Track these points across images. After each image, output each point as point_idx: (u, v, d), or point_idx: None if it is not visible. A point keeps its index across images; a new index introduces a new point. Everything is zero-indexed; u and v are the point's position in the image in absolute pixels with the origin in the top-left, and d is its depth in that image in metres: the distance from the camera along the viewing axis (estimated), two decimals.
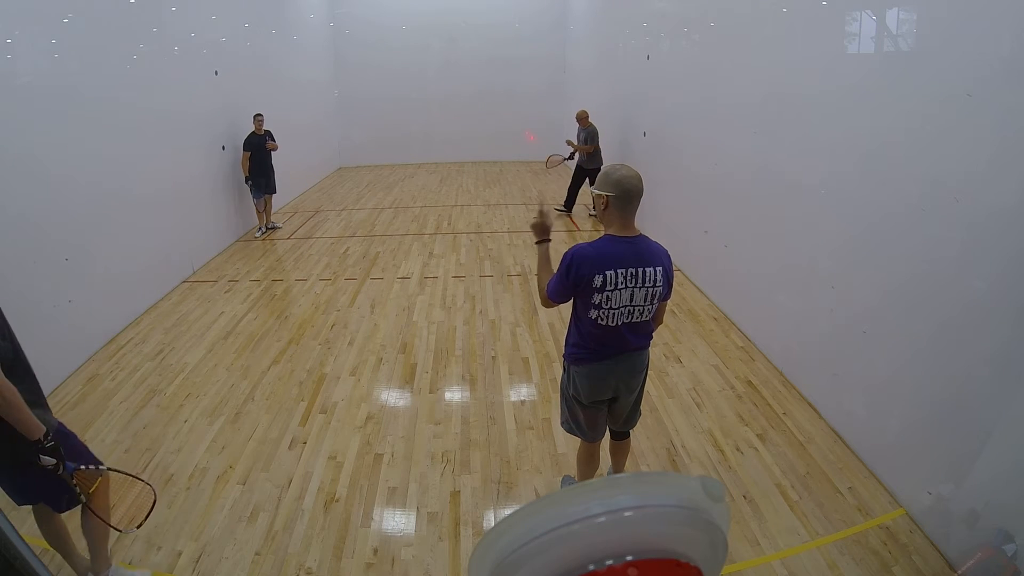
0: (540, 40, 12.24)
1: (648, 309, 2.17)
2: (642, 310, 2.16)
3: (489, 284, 5.65)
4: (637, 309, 2.16)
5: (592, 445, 2.63)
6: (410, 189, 10.39)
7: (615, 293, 2.11)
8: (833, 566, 2.44)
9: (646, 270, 2.10)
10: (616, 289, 2.10)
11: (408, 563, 2.51)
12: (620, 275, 2.09)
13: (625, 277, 2.09)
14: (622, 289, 2.10)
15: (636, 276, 2.10)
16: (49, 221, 3.96)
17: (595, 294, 2.11)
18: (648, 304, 2.16)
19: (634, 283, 2.11)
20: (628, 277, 2.10)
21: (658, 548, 0.40)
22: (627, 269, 2.09)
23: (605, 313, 2.15)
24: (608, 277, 2.09)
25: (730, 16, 4.68)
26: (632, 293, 2.12)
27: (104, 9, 4.78)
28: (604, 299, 2.11)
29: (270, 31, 8.95)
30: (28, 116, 3.85)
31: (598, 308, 2.14)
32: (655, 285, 2.12)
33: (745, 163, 4.35)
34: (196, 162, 6.43)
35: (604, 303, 2.12)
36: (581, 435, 2.58)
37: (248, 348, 4.44)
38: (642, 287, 2.11)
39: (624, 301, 2.13)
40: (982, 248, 2.32)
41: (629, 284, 2.10)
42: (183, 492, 2.94)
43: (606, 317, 2.16)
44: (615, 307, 2.14)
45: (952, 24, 2.49)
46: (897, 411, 2.83)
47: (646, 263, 2.11)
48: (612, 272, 2.09)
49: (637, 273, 2.10)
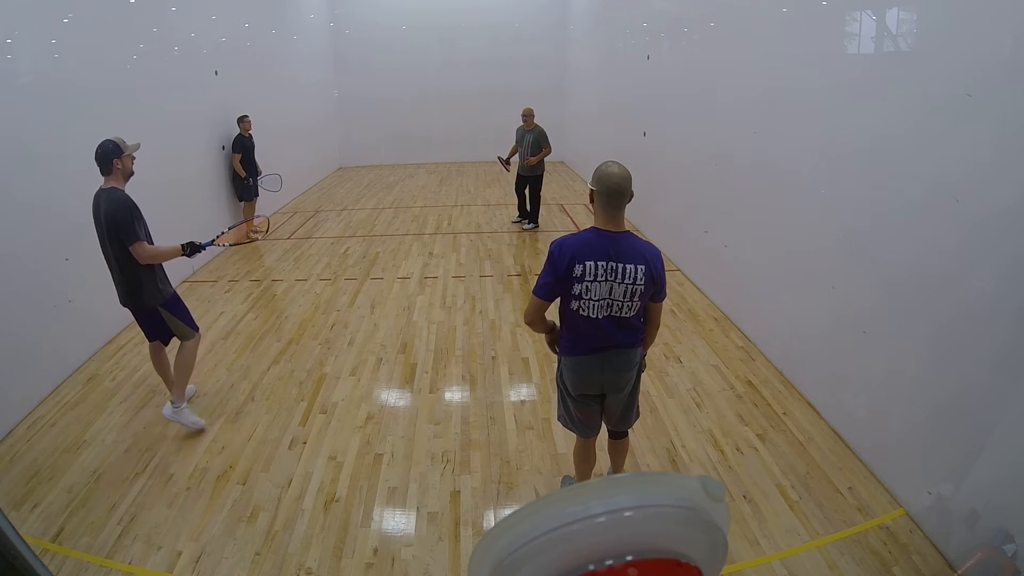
0: (540, 40, 12.23)
1: (629, 306, 2.18)
2: (622, 305, 2.18)
3: (489, 284, 5.65)
4: (616, 304, 2.18)
5: (586, 442, 2.65)
6: (410, 189, 10.39)
7: (594, 284, 2.14)
8: (833, 566, 2.44)
9: (626, 266, 2.13)
10: (595, 280, 2.14)
11: (408, 563, 2.51)
12: (600, 267, 2.12)
13: (605, 270, 2.13)
14: (601, 282, 2.14)
15: (615, 271, 2.13)
16: (49, 221, 3.96)
17: (575, 284, 2.16)
18: (628, 301, 2.17)
19: (613, 277, 2.13)
20: (608, 271, 2.13)
21: (658, 548, 0.40)
22: (607, 263, 2.13)
23: (585, 304, 2.19)
24: (588, 268, 2.13)
25: (730, 16, 4.68)
26: (611, 287, 2.14)
27: (104, 9, 4.77)
28: (584, 289, 2.16)
29: (270, 31, 8.95)
30: (28, 116, 3.85)
31: (578, 299, 2.18)
32: (635, 283, 2.14)
33: (745, 163, 4.35)
34: (196, 162, 6.43)
35: (584, 293, 2.17)
36: (575, 430, 2.61)
37: (248, 348, 4.44)
38: (621, 283, 2.14)
39: (603, 294, 2.16)
40: (982, 248, 2.31)
41: (609, 278, 2.13)
42: (183, 492, 2.94)
43: (587, 308, 2.19)
44: (595, 298, 2.17)
45: (952, 24, 2.49)
46: (897, 411, 2.83)
47: (625, 259, 2.13)
48: (592, 263, 2.12)
49: (616, 268, 2.13)
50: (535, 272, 5.91)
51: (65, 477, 3.06)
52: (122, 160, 3.09)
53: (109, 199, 3.03)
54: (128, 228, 3.03)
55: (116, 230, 3.02)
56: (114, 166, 3.06)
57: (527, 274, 5.88)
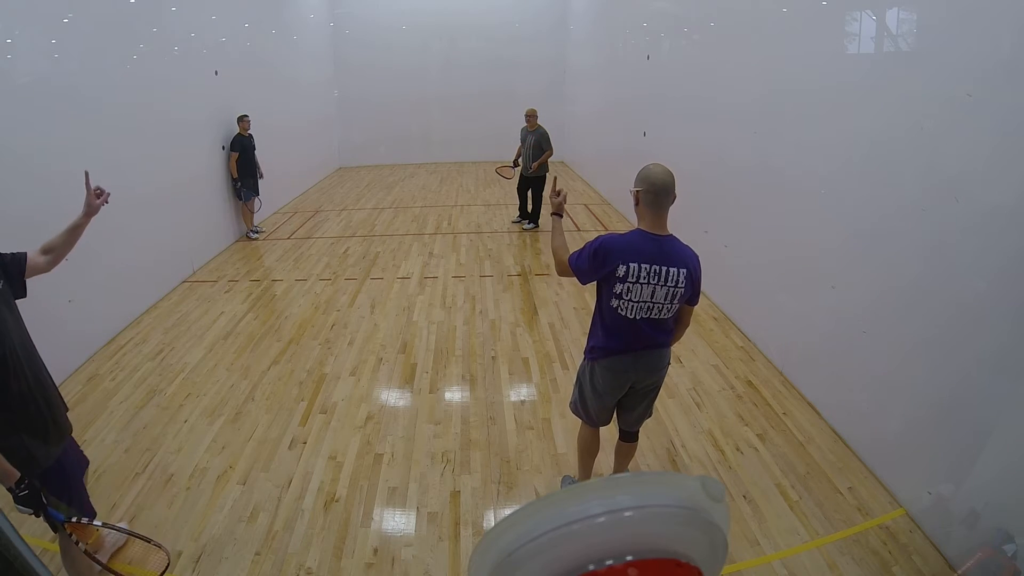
0: (540, 40, 12.23)
1: (668, 308, 2.20)
2: (662, 307, 2.20)
3: (489, 284, 5.65)
4: (657, 306, 2.19)
5: (594, 431, 2.67)
6: (410, 189, 10.39)
7: (636, 286, 2.15)
8: (833, 566, 2.44)
9: (669, 269, 2.14)
10: (638, 282, 2.15)
11: (408, 563, 2.51)
12: (644, 270, 2.13)
13: (648, 273, 2.13)
14: (644, 284, 2.15)
15: (659, 274, 2.14)
16: (49, 221, 3.94)
17: (617, 283, 2.17)
18: (668, 303, 2.19)
19: (656, 280, 2.14)
20: (651, 274, 2.14)
21: (658, 548, 0.40)
22: (651, 265, 2.13)
23: (626, 304, 2.20)
24: (631, 269, 2.14)
25: (730, 16, 4.68)
26: (654, 290, 2.16)
27: (104, 9, 4.77)
28: (625, 290, 2.17)
29: (270, 31, 8.95)
30: (28, 116, 3.85)
31: (619, 298, 2.19)
32: (677, 286, 2.16)
33: (745, 163, 4.35)
34: (196, 162, 6.43)
35: (625, 294, 2.17)
36: (587, 420, 2.62)
37: (248, 348, 4.44)
38: (664, 285, 2.15)
39: (645, 297, 2.17)
40: (982, 248, 2.31)
41: (652, 281, 2.14)
42: (183, 492, 2.94)
43: (626, 308, 2.21)
44: (635, 300, 2.18)
45: (952, 24, 2.49)
46: (897, 411, 2.83)
47: (670, 263, 2.14)
48: (636, 265, 2.13)
49: (660, 271, 2.14)
50: (535, 272, 5.91)
51: None
52: None
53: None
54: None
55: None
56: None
57: (527, 274, 5.88)
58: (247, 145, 7.01)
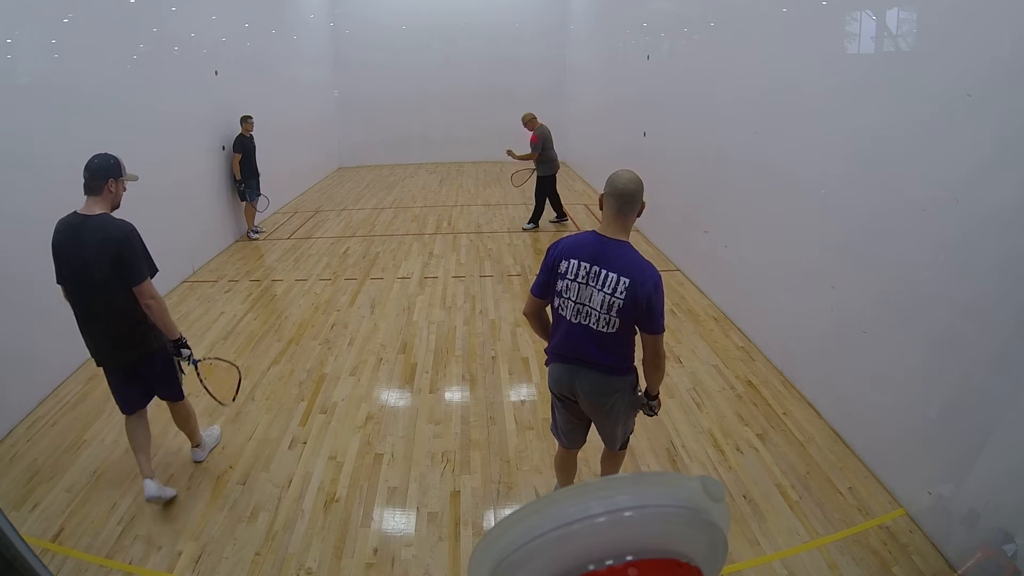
0: (540, 40, 12.23)
1: (606, 320, 2.08)
2: (598, 317, 2.09)
3: (489, 284, 5.65)
4: (593, 313, 2.10)
5: (567, 452, 2.61)
6: (410, 189, 10.39)
7: (573, 284, 2.13)
8: (833, 566, 2.44)
9: (608, 274, 2.05)
10: (575, 280, 2.12)
11: (408, 563, 2.51)
12: (583, 268, 2.10)
13: (587, 273, 2.09)
14: (581, 284, 2.11)
15: (597, 276, 2.07)
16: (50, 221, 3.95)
17: (559, 280, 2.16)
18: (605, 313, 2.07)
19: (594, 282, 2.08)
20: (589, 274, 2.09)
21: (658, 548, 0.40)
22: (591, 265, 2.09)
23: (565, 303, 2.17)
24: (571, 265, 2.12)
25: (730, 16, 4.68)
26: (591, 293, 2.09)
27: (104, 9, 4.77)
28: (564, 287, 2.15)
29: (270, 31, 8.95)
30: (28, 116, 3.85)
31: (559, 296, 2.18)
32: (614, 294, 2.04)
33: (745, 163, 4.35)
34: (196, 162, 6.43)
35: (564, 291, 2.16)
36: (557, 438, 2.58)
37: (248, 348, 4.44)
38: (600, 290, 2.06)
39: (583, 299, 2.12)
40: (982, 248, 2.31)
41: (590, 283, 2.09)
42: (183, 492, 2.94)
43: (565, 308, 2.18)
44: (572, 299, 2.14)
45: (952, 24, 2.49)
46: (897, 411, 2.82)
47: (610, 267, 2.05)
48: (576, 262, 2.11)
49: (599, 274, 2.07)
50: (535, 272, 5.89)
51: (65, 477, 3.07)
52: (118, 184, 2.62)
53: (110, 228, 2.51)
54: (140, 264, 2.55)
55: (121, 266, 2.52)
56: (107, 188, 2.57)
57: (527, 274, 5.88)
58: (249, 146, 7.01)
